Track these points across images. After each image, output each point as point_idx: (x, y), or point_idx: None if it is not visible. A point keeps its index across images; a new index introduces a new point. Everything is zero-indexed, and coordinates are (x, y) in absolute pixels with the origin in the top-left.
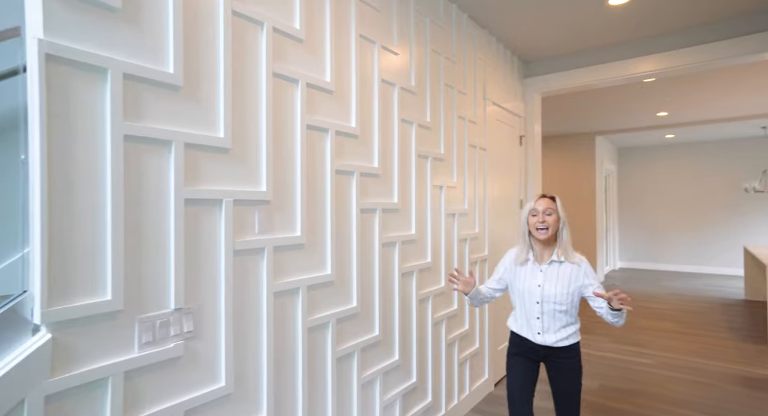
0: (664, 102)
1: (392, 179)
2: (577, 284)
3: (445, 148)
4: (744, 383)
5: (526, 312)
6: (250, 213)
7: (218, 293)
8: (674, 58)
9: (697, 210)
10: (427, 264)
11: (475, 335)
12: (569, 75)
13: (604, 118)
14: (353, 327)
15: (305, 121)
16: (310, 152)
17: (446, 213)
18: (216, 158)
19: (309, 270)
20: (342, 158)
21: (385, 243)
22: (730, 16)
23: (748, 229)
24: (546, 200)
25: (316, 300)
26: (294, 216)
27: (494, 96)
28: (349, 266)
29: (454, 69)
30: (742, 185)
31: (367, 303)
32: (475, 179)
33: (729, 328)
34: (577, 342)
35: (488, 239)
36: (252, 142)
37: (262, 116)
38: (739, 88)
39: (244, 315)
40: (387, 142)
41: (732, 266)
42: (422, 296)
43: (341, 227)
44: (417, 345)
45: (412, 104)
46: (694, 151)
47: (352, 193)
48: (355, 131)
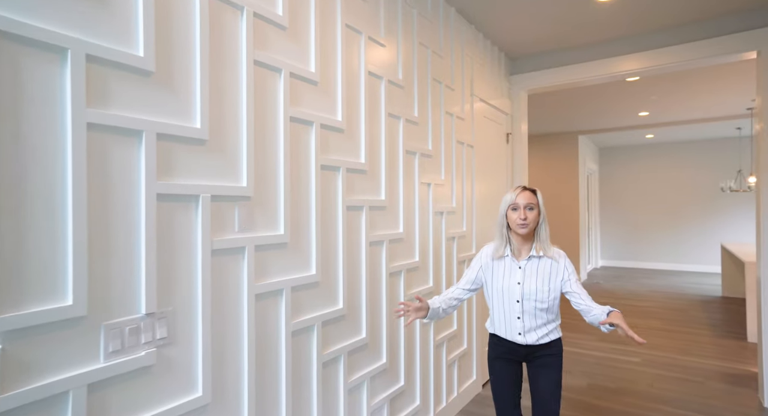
0: (647, 101)
1: (379, 175)
2: (558, 279)
3: (433, 144)
4: (727, 380)
5: (505, 311)
6: (230, 210)
7: (195, 295)
8: (658, 57)
9: (675, 209)
10: (415, 263)
11: (463, 335)
12: (555, 72)
13: (587, 117)
14: (339, 330)
15: (288, 112)
16: (293, 146)
17: (434, 211)
18: (192, 150)
19: (293, 271)
20: (327, 152)
21: (373, 242)
22: (714, 15)
23: (725, 227)
24: (527, 193)
25: (300, 302)
26: (277, 213)
27: (481, 92)
28: (335, 266)
29: (442, 64)
30: (718, 184)
31: (354, 305)
32: (463, 176)
33: (709, 325)
34: (558, 337)
35: (476, 238)
36: (231, 133)
37: (242, 105)
38: (715, 88)
39: (224, 319)
40: (374, 137)
41: (709, 264)
42: (410, 296)
43: (327, 226)
44: (405, 347)
45: (399, 99)
46: (673, 151)
47: (338, 189)
48: (341, 125)
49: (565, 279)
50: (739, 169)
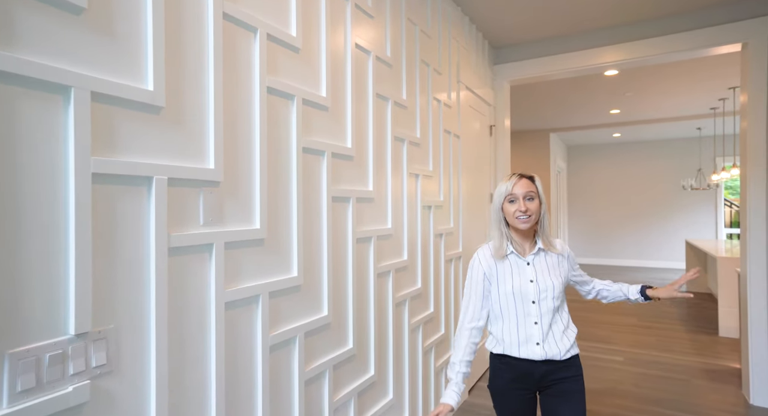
0: (621, 98)
1: (367, 162)
2: (565, 274)
3: (421, 131)
4: (709, 376)
5: (518, 318)
6: (193, 198)
7: (146, 307)
8: (640, 49)
9: (640, 207)
10: (404, 263)
11: (450, 339)
12: (538, 63)
13: (560, 115)
14: (324, 341)
15: (266, 81)
16: (272, 123)
17: (422, 205)
18: (142, 119)
19: (271, 272)
20: (310, 133)
21: (360, 238)
22: (700, 6)
23: (688, 224)
24: (525, 181)
25: (279, 310)
26: (251, 203)
27: (467, 80)
28: (319, 267)
29: (430, 44)
30: (680, 183)
31: (340, 311)
32: (450, 168)
33: (681, 320)
34: (577, 353)
35: (462, 235)
36: (194, 100)
37: (207, 67)
38: (685, 87)
39: (184, 336)
40: (361, 119)
41: (673, 260)
42: (399, 299)
43: (310, 219)
44: (394, 355)
45: (387, 78)
46: (637, 150)
47: (323, 177)
48: (325, 102)
49: (571, 265)
50: (699, 168)
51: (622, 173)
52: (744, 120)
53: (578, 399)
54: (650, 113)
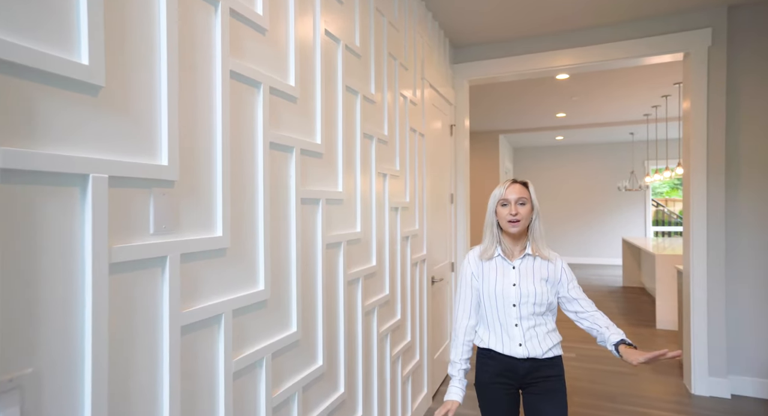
0: (568, 102)
1: (336, 160)
2: (555, 283)
3: (389, 129)
4: (654, 369)
5: (500, 318)
6: (142, 201)
7: (78, 341)
8: (592, 54)
9: (580, 207)
10: (372, 268)
11: (416, 346)
12: (497, 63)
13: (510, 117)
14: (293, 360)
15: (228, 65)
16: (235, 113)
17: (390, 206)
18: (74, 101)
19: (235, 287)
20: (278, 126)
21: (330, 244)
22: (648, 15)
23: (622, 223)
24: (518, 187)
25: (244, 330)
26: (212, 207)
27: (431, 77)
28: (287, 277)
29: (397, 37)
30: (615, 184)
31: (309, 325)
32: (416, 168)
33: (621, 314)
34: (561, 355)
35: (426, 236)
36: (143, 81)
37: (158, 42)
38: (624, 93)
39: (130, 371)
40: (331, 113)
41: (610, 257)
42: (368, 307)
43: (277, 223)
44: (363, 368)
45: (357, 70)
46: (577, 153)
47: (291, 176)
48: (294, 92)
49: (563, 282)
50: (632, 170)
51: (563, 174)
52: (687, 125)
53: (560, 399)
54: (592, 117)
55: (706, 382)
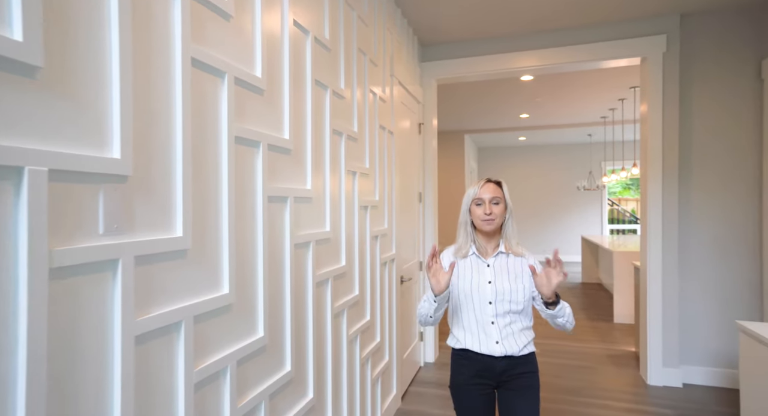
0: (532, 103)
1: (305, 157)
2: (529, 281)
3: (358, 126)
4: (612, 361)
5: (477, 317)
6: (90, 198)
7: (11, 358)
8: (555, 55)
9: (541, 205)
10: (342, 269)
11: (385, 347)
12: (464, 63)
13: (475, 117)
14: (260, 366)
15: (189, 51)
16: (197, 104)
17: (359, 205)
18: (7, 82)
19: (196, 291)
20: (244, 119)
21: (298, 244)
22: (608, 20)
23: (581, 221)
24: (492, 186)
25: (207, 337)
26: (171, 205)
27: (400, 75)
28: (253, 279)
29: (367, 32)
30: (574, 184)
31: (277, 329)
32: (385, 166)
33: (581, 309)
34: (534, 351)
35: (395, 236)
36: (90, 65)
37: (109, 23)
38: (584, 95)
39: (76, 387)
40: (299, 107)
41: (572, 254)
42: (337, 309)
43: (243, 222)
44: (332, 371)
45: (326, 64)
46: (539, 153)
47: (258, 172)
48: (260, 84)
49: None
50: (590, 170)
51: (525, 174)
52: (644, 127)
53: (533, 395)
54: (553, 118)
55: (660, 373)
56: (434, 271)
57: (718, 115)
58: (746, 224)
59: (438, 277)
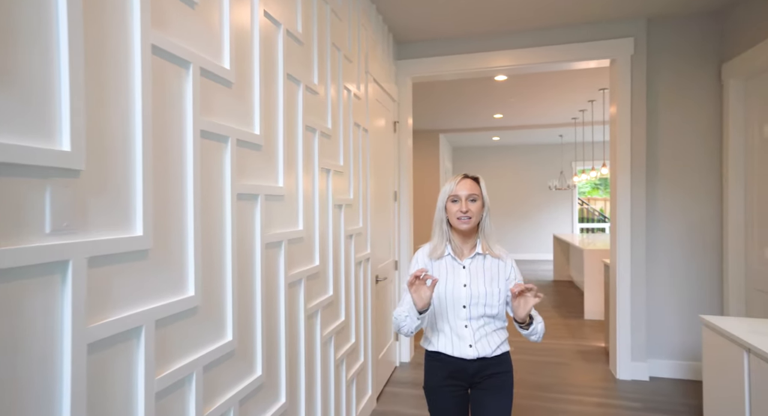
0: (506, 104)
1: (276, 153)
2: (504, 280)
3: (332, 122)
4: (584, 357)
5: (450, 320)
6: (35, 194)
7: None
8: (528, 56)
9: (514, 205)
10: (316, 269)
11: (360, 347)
12: (439, 61)
13: (450, 117)
14: (228, 371)
15: (149, 38)
16: (158, 94)
17: (334, 204)
18: None
19: (158, 293)
20: (211, 112)
21: (269, 243)
22: (579, 22)
23: (553, 220)
24: (469, 182)
25: (170, 342)
26: (130, 202)
27: (375, 72)
28: (221, 280)
29: (341, 27)
30: (546, 183)
31: (247, 332)
32: (359, 164)
33: (552, 306)
34: (509, 351)
35: (370, 235)
36: (36, 51)
37: (57, 6)
38: (554, 96)
39: (19, 398)
40: (270, 101)
41: (543, 252)
42: (311, 310)
43: (210, 220)
44: (306, 374)
45: (299, 58)
46: (512, 153)
47: (226, 169)
48: (229, 76)
49: (510, 279)
50: (561, 170)
51: (499, 173)
52: (613, 128)
53: (505, 393)
54: (526, 119)
55: (628, 367)
56: (416, 287)
57: (683, 117)
58: (708, 222)
59: (420, 293)
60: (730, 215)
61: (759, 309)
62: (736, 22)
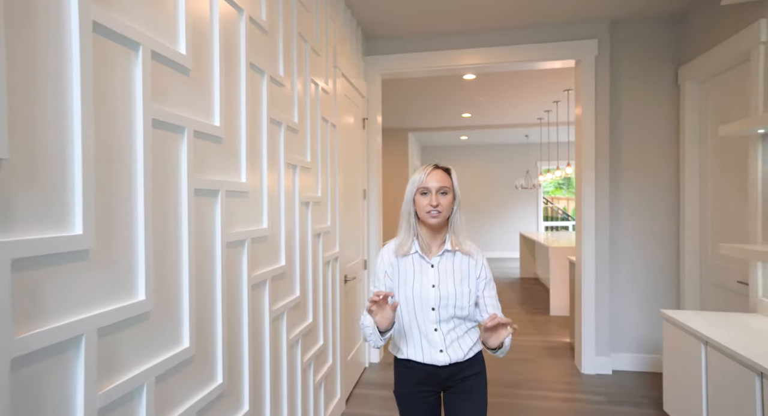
0: (474, 103)
1: (239, 147)
2: (475, 280)
3: (299, 116)
4: (550, 353)
5: (419, 324)
6: None
7: None
8: (496, 54)
9: (483, 203)
10: (281, 269)
11: (329, 349)
12: (408, 58)
13: (419, 116)
14: (185, 381)
15: (89, 13)
16: (101, 77)
17: (300, 201)
18: None
19: (102, 298)
20: (165, 100)
21: (231, 242)
22: (547, 22)
23: (519, 219)
24: (440, 173)
25: (117, 351)
26: (67, 196)
27: (343, 66)
28: (177, 283)
29: (308, 19)
30: (513, 182)
31: (206, 337)
32: (328, 160)
33: (519, 303)
34: (481, 350)
35: (339, 233)
36: None
37: None
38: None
39: None
40: (232, 91)
41: (510, 250)
42: (276, 312)
43: (163, 217)
44: (271, 379)
45: (263, 47)
46: (479, 152)
47: (182, 162)
48: (185, 61)
49: (480, 278)
50: (527, 170)
51: (467, 173)
52: (578, 128)
53: (479, 396)
54: (493, 119)
55: (593, 361)
56: (376, 310)
57: (643, 118)
58: (667, 219)
59: (381, 315)
60: (686, 212)
61: (714, 303)
62: (692, 27)
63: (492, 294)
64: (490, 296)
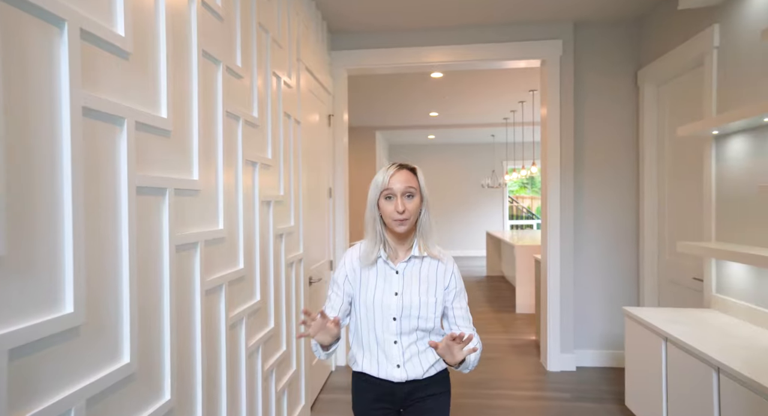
0: (441, 101)
1: (190, 141)
2: (443, 289)
3: (260, 111)
4: (516, 351)
5: (377, 335)
6: None
7: None
8: (464, 52)
9: (450, 202)
10: (240, 272)
11: (292, 355)
12: (374, 54)
13: (385, 114)
14: (126, 401)
15: None
16: (13, 57)
17: (261, 200)
18: None
19: (19, 312)
20: (98, 87)
21: (181, 245)
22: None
23: (485, 217)
24: (405, 174)
25: (38, 373)
26: None
27: (307, 61)
28: (114, 292)
29: (269, 7)
30: (479, 182)
31: (151, 350)
32: (290, 157)
33: (485, 301)
34: (445, 368)
35: (302, 234)
36: None
37: None
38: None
39: None
40: (182, 80)
41: (477, 248)
42: (234, 319)
43: (97, 218)
44: (228, 390)
45: (218, 35)
46: (447, 151)
47: (121, 155)
48: (124, 44)
49: (449, 288)
50: (493, 169)
51: (434, 171)
52: (544, 128)
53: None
54: (460, 118)
55: (558, 359)
56: (315, 329)
57: (605, 119)
58: (627, 217)
59: (325, 334)
60: (645, 210)
61: (671, 299)
62: (650, 31)
63: (462, 305)
64: (460, 308)
